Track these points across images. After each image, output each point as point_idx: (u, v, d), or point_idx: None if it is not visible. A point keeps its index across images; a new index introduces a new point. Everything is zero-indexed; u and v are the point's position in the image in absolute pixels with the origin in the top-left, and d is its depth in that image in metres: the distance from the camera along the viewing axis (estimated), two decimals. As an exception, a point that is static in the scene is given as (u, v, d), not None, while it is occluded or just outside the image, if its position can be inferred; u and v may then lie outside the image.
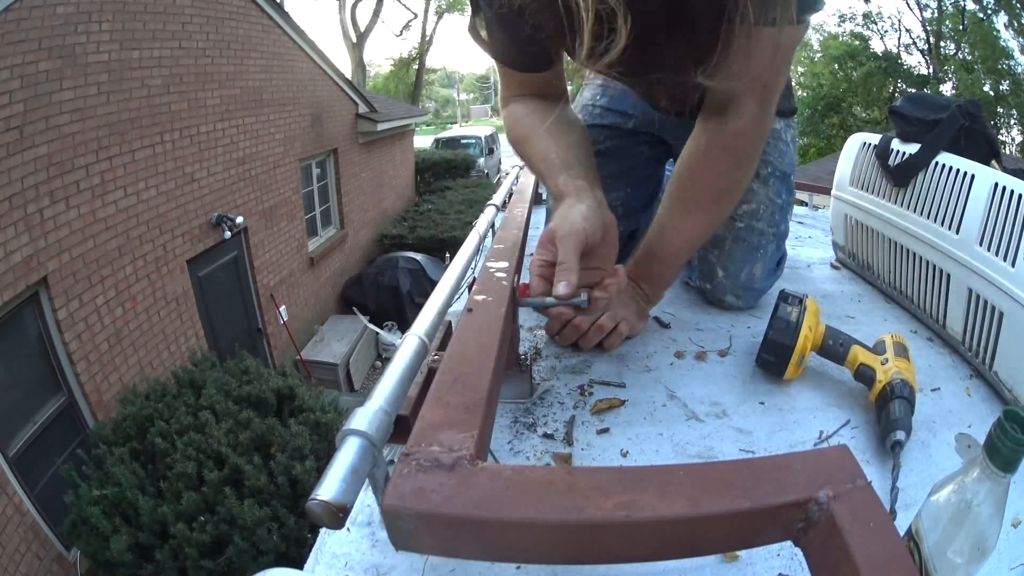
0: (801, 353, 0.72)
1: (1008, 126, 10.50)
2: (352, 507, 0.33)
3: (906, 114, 0.98)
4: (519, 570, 0.48)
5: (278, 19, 5.00)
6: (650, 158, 1.07)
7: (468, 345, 0.50)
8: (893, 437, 0.60)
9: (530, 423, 0.68)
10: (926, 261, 0.91)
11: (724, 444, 0.65)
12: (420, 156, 10.69)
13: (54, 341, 2.86)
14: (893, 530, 0.30)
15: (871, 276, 1.13)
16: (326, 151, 6.30)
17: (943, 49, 11.25)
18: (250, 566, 2.28)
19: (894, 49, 12.15)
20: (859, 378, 0.70)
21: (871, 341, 0.74)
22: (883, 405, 0.65)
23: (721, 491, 0.32)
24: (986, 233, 0.78)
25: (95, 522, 2.30)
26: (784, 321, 0.73)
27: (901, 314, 1.01)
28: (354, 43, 18.44)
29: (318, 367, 5.31)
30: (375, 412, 0.38)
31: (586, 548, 0.33)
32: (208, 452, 2.53)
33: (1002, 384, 0.75)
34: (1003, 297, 0.73)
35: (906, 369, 0.67)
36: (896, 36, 12.28)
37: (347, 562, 0.50)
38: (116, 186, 3.19)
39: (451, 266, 0.75)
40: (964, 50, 10.64)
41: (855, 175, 1.13)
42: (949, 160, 0.88)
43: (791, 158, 0.97)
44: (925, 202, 0.92)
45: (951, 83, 10.99)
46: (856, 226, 1.14)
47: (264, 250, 4.92)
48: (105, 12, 3.07)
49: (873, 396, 0.68)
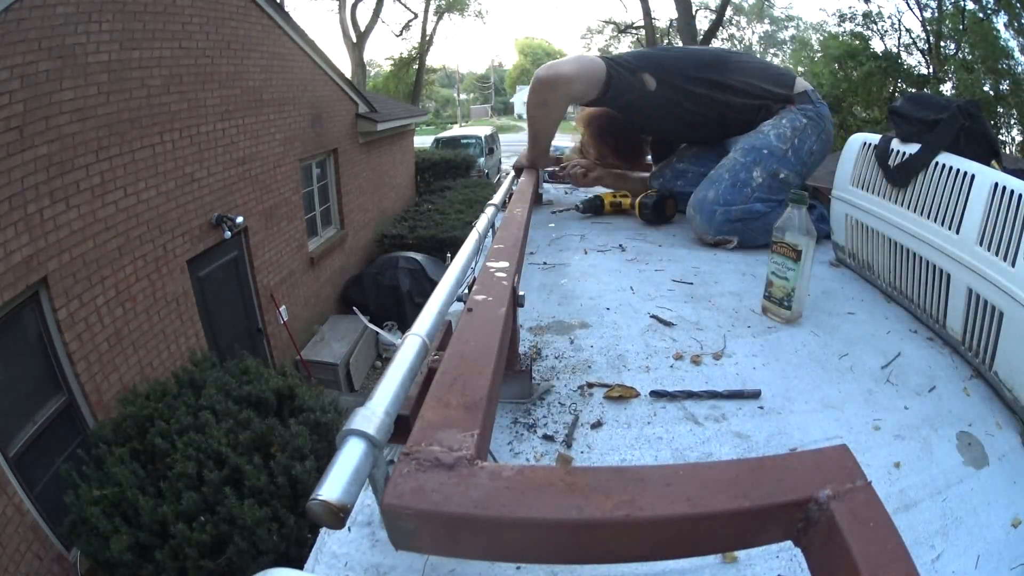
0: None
1: (1008, 126, 10.49)
2: (353, 507, 0.33)
3: (906, 114, 0.98)
4: (519, 570, 0.48)
5: (278, 19, 4.99)
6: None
7: (468, 345, 0.50)
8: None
9: (530, 424, 0.68)
10: (926, 261, 0.91)
11: (723, 448, 0.65)
12: (420, 156, 10.68)
13: (54, 341, 2.86)
14: (893, 530, 0.30)
15: (871, 276, 1.13)
16: (326, 151, 6.30)
17: (943, 49, 11.24)
18: (250, 566, 2.28)
19: (894, 49, 12.15)
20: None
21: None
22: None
23: (721, 491, 0.32)
24: (986, 233, 0.78)
25: (95, 522, 2.30)
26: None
27: (901, 314, 1.01)
28: (354, 43, 18.44)
29: (318, 367, 5.31)
30: (375, 412, 0.38)
31: (586, 548, 0.33)
32: (208, 452, 2.53)
33: (1002, 384, 0.75)
34: (1003, 297, 0.73)
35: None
36: (896, 36, 12.25)
37: (347, 562, 0.50)
38: (116, 186, 3.19)
39: (451, 266, 0.74)
40: (964, 50, 10.62)
41: (855, 175, 1.13)
42: (949, 160, 0.88)
43: (767, 139, 1.42)
44: (925, 202, 0.92)
45: (951, 83, 10.98)
46: (856, 226, 1.14)
47: (264, 250, 4.92)
48: (105, 12, 3.07)
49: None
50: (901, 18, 21.20)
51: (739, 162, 1.42)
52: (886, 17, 12.52)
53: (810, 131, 1.42)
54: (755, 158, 1.40)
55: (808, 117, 1.43)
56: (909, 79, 11.70)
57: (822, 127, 1.45)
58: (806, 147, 1.42)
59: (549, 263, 1.30)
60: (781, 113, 1.46)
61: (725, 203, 1.39)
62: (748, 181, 1.39)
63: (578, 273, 1.22)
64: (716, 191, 1.40)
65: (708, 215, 1.40)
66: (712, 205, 1.40)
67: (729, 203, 1.39)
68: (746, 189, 1.39)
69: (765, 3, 16.56)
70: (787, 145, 1.40)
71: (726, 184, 1.40)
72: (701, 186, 1.45)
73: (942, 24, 10.95)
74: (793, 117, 1.43)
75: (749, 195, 1.39)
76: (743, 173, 1.40)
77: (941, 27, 11.01)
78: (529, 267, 1.27)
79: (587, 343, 0.89)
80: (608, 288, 1.13)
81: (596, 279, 1.18)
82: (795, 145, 1.41)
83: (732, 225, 1.39)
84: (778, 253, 0.92)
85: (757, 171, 1.39)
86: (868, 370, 0.81)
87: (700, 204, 1.42)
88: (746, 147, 1.43)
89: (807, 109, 1.45)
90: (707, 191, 1.42)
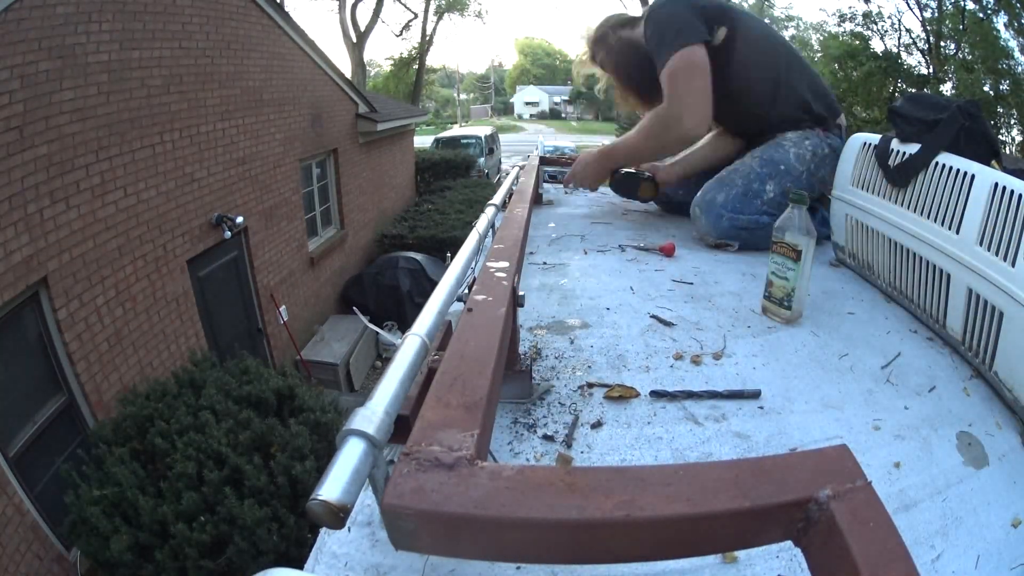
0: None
1: (1008, 126, 10.47)
2: (353, 507, 0.33)
3: (906, 114, 0.98)
4: (519, 570, 0.48)
5: (278, 19, 4.99)
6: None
7: (468, 345, 0.50)
8: None
9: (530, 424, 0.68)
10: (926, 261, 0.91)
11: (723, 448, 0.65)
12: (420, 156, 10.67)
13: (54, 341, 2.86)
14: (893, 530, 0.30)
15: (871, 276, 1.13)
16: (326, 151, 6.30)
17: (943, 49, 11.24)
18: (250, 566, 2.27)
19: (894, 49, 12.14)
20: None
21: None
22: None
23: (721, 491, 0.32)
24: (986, 233, 0.78)
25: (95, 522, 2.30)
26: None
27: (901, 314, 1.01)
28: (354, 43, 18.43)
29: (318, 367, 5.31)
30: (376, 412, 0.38)
31: (586, 548, 0.33)
32: (208, 452, 2.53)
33: (1002, 384, 0.75)
34: (1003, 297, 0.73)
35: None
36: (896, 36, 12.25)
37: (347, 562, 0.50)
38: (116, 186, 3.19)
39: (451, 266, 0.74)
40: (964, 50, 10.61)
41: (855, 175, 1.13)
42: (949, 160, 0.88)
43: (787, 156, 1.41)
44: (925, 202, 0.92)
45: (951, 83, 10.98)
46: (856, 226, 1.14)
47: (264, 250, 4.92)
48: (105, 12, 3.07)
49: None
50: (901, 18, 21.19)
51: (755, 171, 1.40)
52: (886, 17, 12.50)
53: (828, 161, 1.39)
54: (771, 172, 1.39)
55: (832, 147, 1.41)
56: (909, 79, 11.70)
57: (837, 157, 1.38)
58: (820, 174, 1.41)
59: (549, 263, 1.30)
60: (807, 132, 1.43)
61: (733, 210, 1.37)
62: (760, 193, 1.38)
63: (578, 273, 1.22)
64: (726, 195, 1.38)
65: (714, 218, 1.39)
66: (720, 209, 1.38)
67: (738, 211, 1.37)
68: (756, 201, 1.37)
69: (765, 3, 16.56)
70: (804, 167, 1.39)
71: (738, 191, 1.38)
72: (710, 186, 1.43)
73: (942, 24, 10.94)
74: (818, 143, 1.42)
75: (759, 207, 1.37)
76: (756, 184, 1.38)
77: (941, 27, 11.00)
78: (529, 267, 1.27)
79: (587, 343, 0.89)
80: (608, 288, 1.13)
81: (596, 279, 1.18)
82: (811, 170, 1.40)
83: (737, 232, 1.38)
84: (778, 253, 0.92)
85: (771, 185, 1.38)
86: (868, 370, 0.81)
87: (708, 206, 1.40)
88: (765, 158, 1.41)
89: (835, 141, 1.43)
90: (716, 193, 1.40)
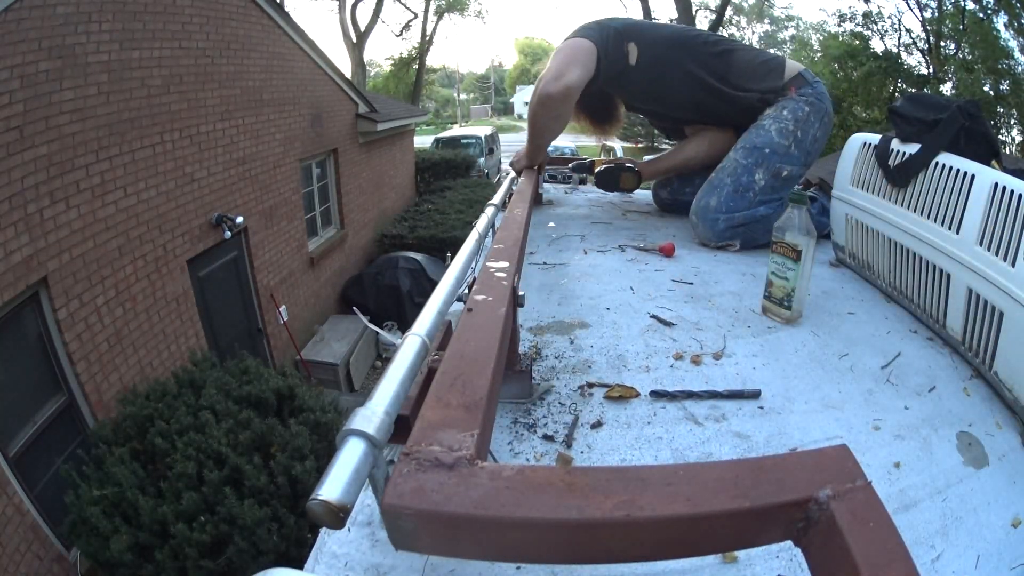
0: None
1: (1008, 126, 10.49)
2: (353, 507, 0.33)
3: (906, 114, 0.98)
4: (519, 570, 0.48)
5: (278, 19, 4.99)
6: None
7: (468, 345, 0.50)
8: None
9: (530, 424, 0.68)
10: (926, 261, 0.91)
11: (723, 448, 0.65)
12: (420, 156, 10.67)
13: (54, 341, 2.86)
14: (893, 530, 0.30)
15: (871, 276, 1.13)
16: (326, 151, 6.29)
17: (943, 49, 11.25)
18: (250, 566, 2.27)
19: (894, 49, 12.15)
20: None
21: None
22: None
23: (721, 491, 0.32)
24: (986, 233, 0.78)
25: (95, 522, 2.30)
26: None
27: (901, 314, 1.01)
28: (354, 43, 18.43)
29: (318, 367, 5.31)
30: (376, 412, 0.38)
31: (586, 548, 0.33)
32: (208, 452, 2.53)
33: (1002, 384, 0.75)
34: (1003, 297, 0.73)
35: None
36: (896, 36, 12.26)
37: (347, 562, 0.50)
38: (116, 186, 3.19)
39: (451, 266, 0.74)
40: (964, 50, 10.62)
41: (855, 175, 1.13)
42: (949, 160, 0.88)
43: (769, 137, 1.38)
44: (925, 202, 0.92)
45: (951, 83, 10.98)
46: (856, 226, 1.14)
47: (264, 250, 4.92)
48: (105, 12, 3.07)
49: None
50: (901, 18, 21.21)
51: (740, 164, 1.39)
52: (886, 17, 12.55)
53: (813, 118, 1.38)
54: (757, 159, 1.38)
55: (810, 103, 1.38)
56: (909, 79, 11.70)
57: (823, 109, 1.40)
58: (809, 136, 1.38)
59: (549, 263, 1.30)
60: (781, 102, 1.40)
61: (728, 211, 1.37)
62: (750, 185, 1.37)
63: (578, 273, 1.22)
64: (718, 198, 1.39)
65: (711, 223, 1.39)
66: (714, 213, 1.38)
67: (732, 210, 1.37)
68: (748, 194, 1.37)
69: (765, 3, 16.57)
70: (790, 140, 1.36)
71: (728, 190, 1.38)
72: (703, 191, 1.43)
73: (942, 24, 10.95)
74: (795, 107, 1.38)
75: (752, 199, 1.37)
76: (745, 177, 1.38)
77: (941, 27, 11.01)
78: (529, 267, 1.27)
79: (587, 343, 0.89)
80: (608, 288, 1.13)
81: (596, 279, 1.18)
82: (798, 137, 1.37)
83: (735, 231, 1.38)
84: (778, 253, 0.92)
85: (759, 173, 1.37)
86: (868, 370, 0.81)
87: (703, 212, 1.41)
88: (747, 146, 1.40)
89: (807, 94, 1.39)
90: (709, 198, 1.40)
